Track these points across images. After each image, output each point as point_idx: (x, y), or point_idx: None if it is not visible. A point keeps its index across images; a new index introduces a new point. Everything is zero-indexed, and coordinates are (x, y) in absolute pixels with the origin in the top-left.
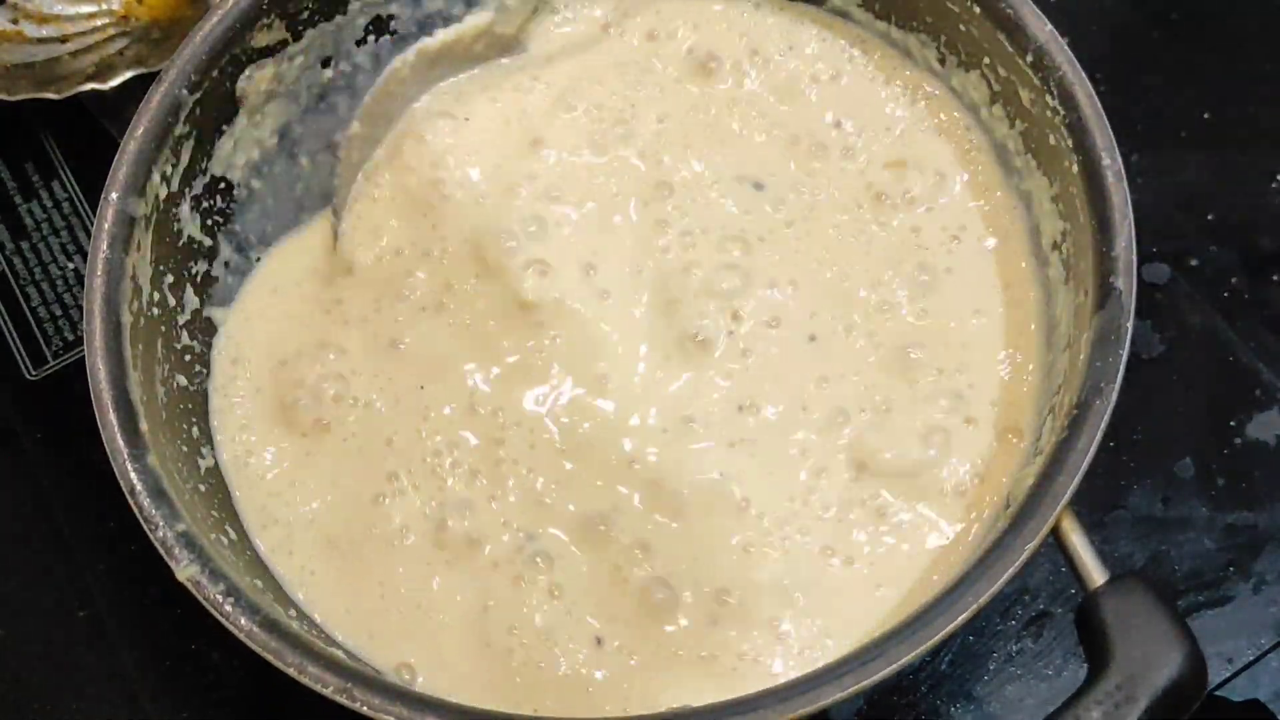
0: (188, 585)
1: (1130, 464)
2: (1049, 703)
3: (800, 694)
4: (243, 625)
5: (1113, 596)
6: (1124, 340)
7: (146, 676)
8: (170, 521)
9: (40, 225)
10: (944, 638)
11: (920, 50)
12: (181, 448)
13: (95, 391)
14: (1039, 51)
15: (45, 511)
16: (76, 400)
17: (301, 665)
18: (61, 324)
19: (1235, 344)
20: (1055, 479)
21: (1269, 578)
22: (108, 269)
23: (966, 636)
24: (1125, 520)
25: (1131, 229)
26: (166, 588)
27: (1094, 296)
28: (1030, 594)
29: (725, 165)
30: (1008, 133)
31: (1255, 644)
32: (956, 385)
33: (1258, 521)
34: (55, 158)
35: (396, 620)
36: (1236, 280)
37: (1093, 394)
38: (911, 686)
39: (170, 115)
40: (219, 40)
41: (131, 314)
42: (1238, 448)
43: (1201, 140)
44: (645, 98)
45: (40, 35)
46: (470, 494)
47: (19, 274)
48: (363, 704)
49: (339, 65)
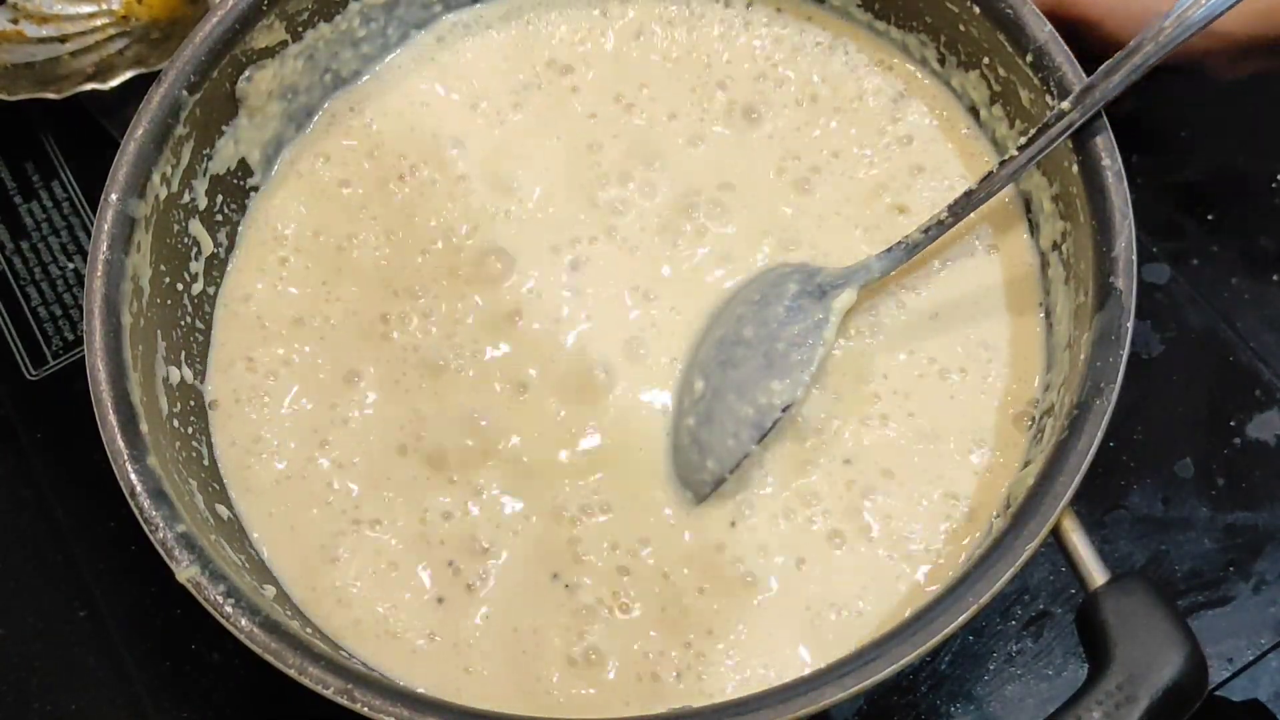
0: (188, 586)
1: (1130, 464)
2: (1049, 703)
3: (800, 694)
4: (243, 626)
5: (1113, 596)
6: (1124, 340)
7: (146, 676)
8: (170, 522)
9: (40, 225)
10: (944, 638)
11: (920, 50)
12: (181, 449)
13: (95, 392)
14: (1039, 51)
15: (45, 511)
16: (76, 400)
17: (302, 666)
18: (61, 324)
19: (1235, 344)
20: (1055, 479)
21: (1269, 578)
22: (108, 269)
23: (966, 636)
24: (1125, 520)
25: (1131, 229)
26: (166, 588)
27: (1094, 296)
28: (1030, 594)
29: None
30: (1007, 133)
31: (1255, 644)
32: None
33: (1258, 521)
34: (55, 158)
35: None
36: (1236, 280)
37: (1093, 394)
38: (911, 686)
39: (170, 115)
40: (219, 40)
41: (131, 314)
42: (1238, 448)
43: (1202, 140)
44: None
45: (40, 35)
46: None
47: (19, 274)
48: (363, 705)
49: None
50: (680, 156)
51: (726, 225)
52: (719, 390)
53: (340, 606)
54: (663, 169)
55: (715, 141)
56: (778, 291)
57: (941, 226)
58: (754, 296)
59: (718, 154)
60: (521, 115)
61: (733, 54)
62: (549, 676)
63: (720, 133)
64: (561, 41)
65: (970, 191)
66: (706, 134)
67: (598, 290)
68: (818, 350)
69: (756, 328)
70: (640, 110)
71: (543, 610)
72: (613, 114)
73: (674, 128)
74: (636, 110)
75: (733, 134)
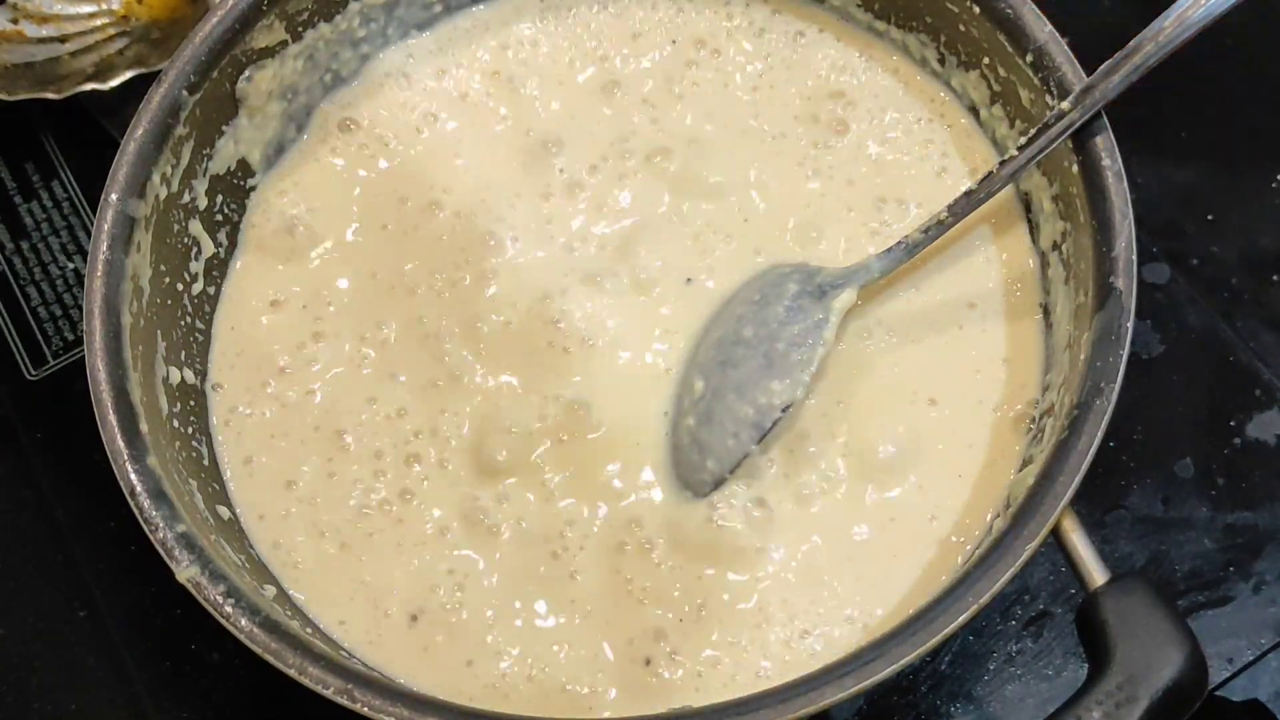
0: (188, 586)
1: (1130, 464)
2: (1049, 703)
3: (800, 694)
4: (243, 626)
5: (1113, 596)
6: (1124, 340)
7: (146, 676)
8: (170, 522)
9: (40, 225)
10: (944, 638)
11: (920, 50)
12: (181, 449)
13: (95, 392)
14: (1039, 51)
15: (45, 511)
16: (76, 400)
17: (302, 666)
18: (61, 324)
19: (1235, 344)
20: (1055, 479)
21: (1269, 578)
22: (108, 269)
23: (966, 636)
24: (1125, 520)
25: (1131, 229)
26: (166, 588)
27: (1094, 296)
28: (1030, 594)
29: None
30: (1007, 133)
31: (1255, 644)
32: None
33: (1258, 521)
34: (55, 158)
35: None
36: (1236, 280)
37: (1093, 394)
38: (911, 686)
39: (170, 115)
40: (219, 40)
41: (131, 314)
42: (1238, 448)
43: (1201, 140)
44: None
45: (40, 35)
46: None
47: (19, 274)
48: (363, 705)
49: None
50: (679, 156)
51: (726, 223)
52: (719, 390)
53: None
54: (663, 168)
55: (713, 141)
56: (778, 291)
57: (941, 226)
58: (754, 296)
59: (716, 154)
60: (522, 116)
61: (730, 53)
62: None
63: (712, 132)
64: (562, 43)
65: (970, 191)
66: (702, 135)
67: (603, 268)
68: (818, 350)
69: (756, 328)
70: (640, 110)
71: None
72: (613, 114)
73: (673, 127)
74: (636, 110)
75: (732, 134)
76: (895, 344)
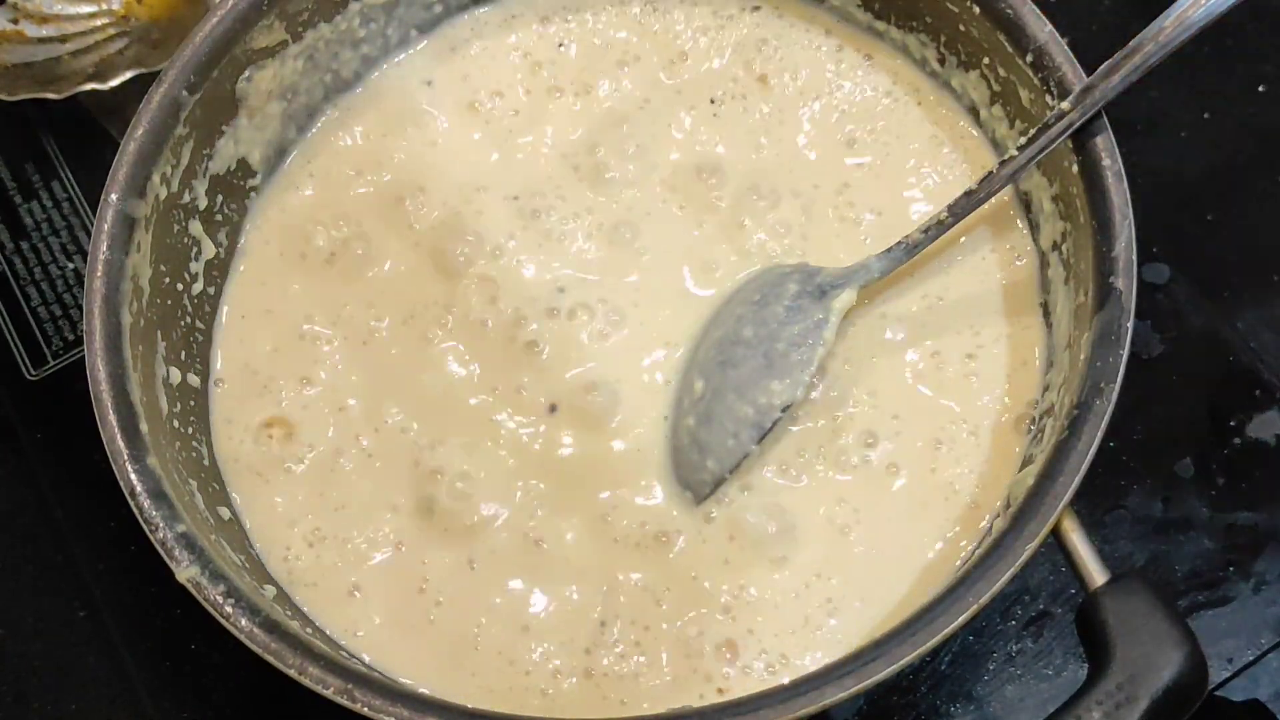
0: (188, 586)
1: (1130, 464)
2: (1049, 703)
3: (800, 694)
4: (243, 626)
5: (1113, 596)
6: (1124, 340)
7: (146, 676)
8: (170, 522)
9: (40, 225)
10: (944, 638)
11: (920, 50)
12: (181, 449)
13: (95, 392)
14: (1039, 51)
15: (45, 511)
16: (76, 400)
17: (302, 666)
18: (61, 324)
19: (1235, 344)
20: (1055, 479)
21: (1269, 578)
22: (108, 269)
23: (966, 636)
24: (1125, 520)
25: (1131, 229)
26: (166, 588)
27: (1094, 296)
28: (1030, 594)
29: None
30: (1007, 133)
31: (1255, 644)
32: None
33: (1258, 521)
34: (55, 158)
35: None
36: (1236, 280)
37: (1093, 394)
38: (911, 686)
39: (170, 115)
40: (219, 40)
41: (131, 314)
42: (1238, 448)
43: (1201, 140)
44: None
45: (40, 35)
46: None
47: (19, 274)
48: (363, 705)
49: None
50: (682, 155)
51: (726, 227)
52: (719, 390)
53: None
54: (662, 166)
55: (711, 142)
56: (777, 291)
57: (941, 226)
58: (754, 296)
59: (715, 153)
60: (522, 117)
61: (730, 54)
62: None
63: (712, 132)
64: (561, 43)
65: (970, 191)
66: (701, 136)
67: (600, 277)
68: (817, 350)
69: (756, 328)
70: (640, 110)
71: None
72: (613, 115)
73: (671, 125)
74: (636, 110)
75: (730, 133)
76: (894, 343)
